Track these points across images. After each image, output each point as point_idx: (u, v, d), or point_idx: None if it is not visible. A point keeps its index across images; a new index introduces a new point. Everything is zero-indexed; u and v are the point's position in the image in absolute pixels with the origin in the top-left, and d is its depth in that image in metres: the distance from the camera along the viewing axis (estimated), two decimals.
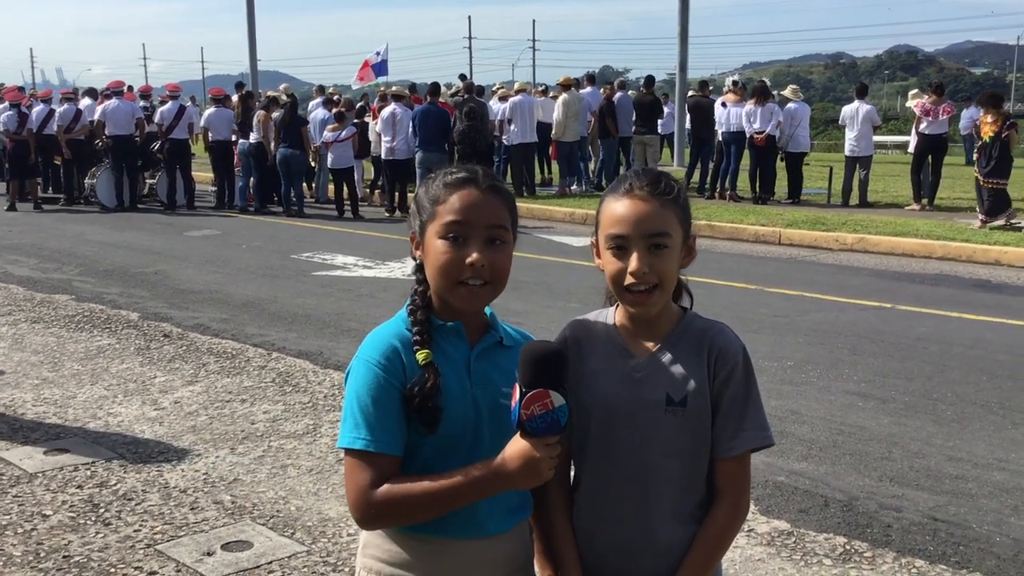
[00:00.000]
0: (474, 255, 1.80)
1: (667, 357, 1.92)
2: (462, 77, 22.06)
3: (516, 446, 1.70)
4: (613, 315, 2.00)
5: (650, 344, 1.94)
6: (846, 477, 4.86)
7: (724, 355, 1.91)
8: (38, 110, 17.56)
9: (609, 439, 1.91)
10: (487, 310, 1.94)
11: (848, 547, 4.12)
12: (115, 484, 4.75)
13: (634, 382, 1.91)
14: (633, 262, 1.85)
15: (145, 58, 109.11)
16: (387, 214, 16.17)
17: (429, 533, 1.83)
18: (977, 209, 13.43)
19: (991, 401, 6.03)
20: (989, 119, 13.14)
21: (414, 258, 1.93)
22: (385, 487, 1.75)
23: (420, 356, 1.80)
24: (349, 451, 1.79)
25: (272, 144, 16.29)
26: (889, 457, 5.11)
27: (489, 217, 1.83)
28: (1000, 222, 12.84)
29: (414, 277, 1.95)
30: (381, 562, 1.87)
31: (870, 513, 4.45)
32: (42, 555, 3.99)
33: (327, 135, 16.26)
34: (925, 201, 15.56)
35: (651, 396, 1.90)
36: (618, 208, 1.88)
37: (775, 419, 5.52)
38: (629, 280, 1.86)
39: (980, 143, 13.29)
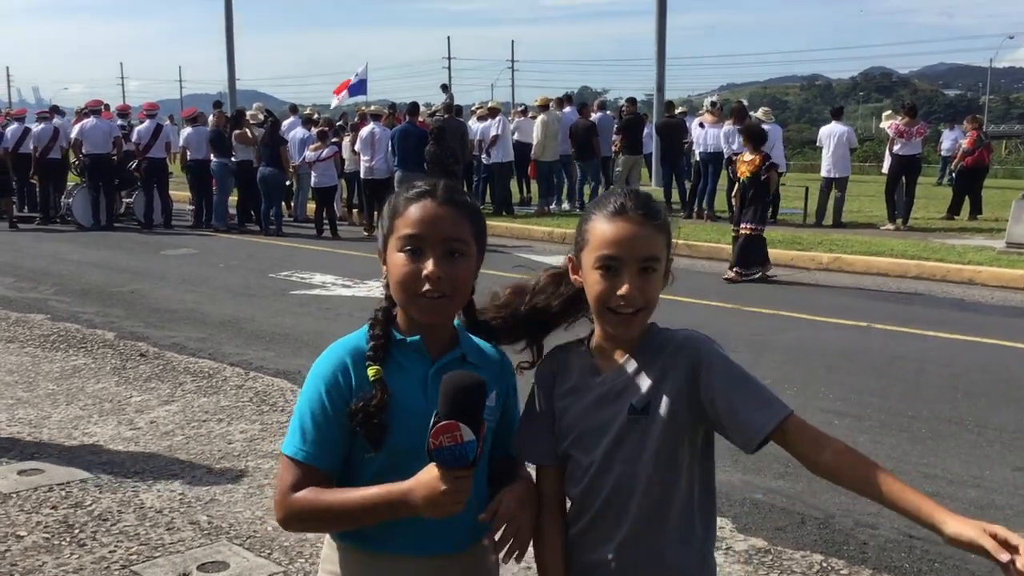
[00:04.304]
0: (430, 267, 1.80)
1: (631, 368, 1.92)
2: (444, 87, 22.10)
3: (426, 475, 1.68)
4: (588, 338, 2.01)
5: (618, 358, 1.95)
6: (822, 495, 4.89)
7: (698, 354, 1.88)
8: (12, 129, 17.48)
9: (586, 459, 1.93)
10: (456, 323, 1.95)
11: (825, 564, 4.14)
12: (90, 504, 4.71)
13: (598, 397, 1.93)
14: (625, 286, 1.84)
15: (123, 77, 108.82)
16: (366, 233, 16.16)
17: (383, 549, 1.84)
18: (740, 270, 11.50)
19: (966, 419, 6.08)
20: (747, 157, 11.49)
21: (383, 273, 1.93)
22: (303, 492, 1.79)
23: (370, 372, 1.82)
24: (288, 457, 1.85)
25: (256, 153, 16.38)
26: None
27: (446, 229, 1.83)
28: (756, 275, 11.44)
29: (383, 291, 1.95)
30: None
31: (846, 530, 4.48)
32: None
33: (309, 154, 16.28)
34: (900, 221, 15.71)
35: (613, 408, 1.91)
36: (611, 229, 1.87)
37: None
38: (617, 302, 1.86)
39: (737, 185, 11.73)
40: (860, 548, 4.30)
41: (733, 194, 11.72)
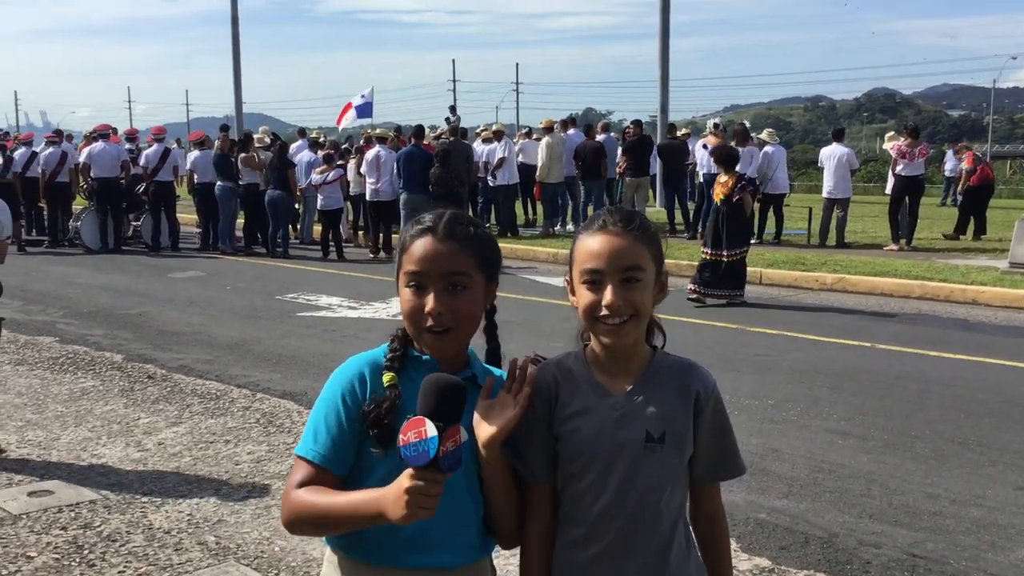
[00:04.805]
0: (430, 304, 1.87)
1: (643, 394, 1.96)
2: (452, 109, 22.21)
3: (398, 480, 1.71)
4: (584, 356, 2.03)
5: (625, 382, 1.98)
6: (826, 514, 4.92)
7: (706, 390, 1.98)
8: (20, 153, 17.63)
9: (593, 481, 1.94)
10: (471, 350, 2.00)
11: None
12: (99, 525, 4.75)
13: (613, 421, 1.95)
14: (608, 295, 1.90)
15: (130, 100, 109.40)
16: (371, 255, 16.25)
17: (380, 561, 1.89)
18: (699, 288, 11.07)
19: (969, 439, 6.11)
20: (722, 179, 11.15)
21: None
22: (303, 490, 1.85)
23: (385, 378, 1.89)
24: (300, 457, 1.90)
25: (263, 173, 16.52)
26: (868, 494, 5.18)
27: (446, 265, 1.89)
28: (722, 301, 10.97)
29: (399, 317, 2.02)
30: None
31: (850, 550, 4.50)
32: None
33: (315, 177, 16.39)
34: (903, 241, 15.76)
35: (631, 434, 1.94)
36: (592, 244, 1.94)
37: (756, 456, 5.59)
38: (603, 312, 1.91)
39: (713, 207, 11.34)
40: (863, 567, 4.32)
41: (711, 220, 11.31)
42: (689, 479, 2.01)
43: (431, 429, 1.63)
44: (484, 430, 1.87)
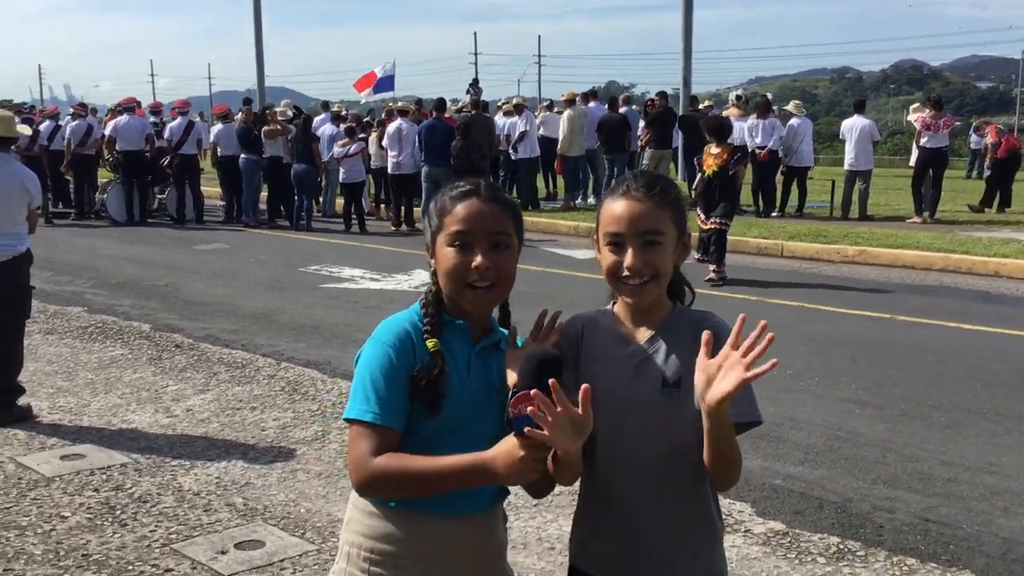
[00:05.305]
0: (479, 259, 1.97)
1: (661, 343, 2.06)
2: (474, 82, 22.17)
3: (505, 444, 1.82)
4: (611, 310, 2.14)
5: (646, 332, 2.08)
6: (841, 480, 4.99)
7: (719, 334, 1.98)
8: (45, 126, 17.81)
9: (612, 426, 2.02)
10: (493, 316, 2.10)
11: (842, 546, 4.25)
12: (130, 487, 4.90)
13: (631, 368, 2.05)
14: (628, 258, 2.00)
15: (153, 74, 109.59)
16: (393, 228, 16.34)
17: (406, 508, 1.98)
18: (704, 257, 10.67)
19: (985, 408, 6.15)
20: (714, 150, 10.75)
21: (430, 265, 2.09)
22: (383, 457, 1.90)
23: (429, 344, 1.97)
24: (356, 422, 1.94)
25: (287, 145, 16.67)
26: (883, 461, 5.24)
27: (491, 225, 2.00)
28: (713, 276, 10.57)
29: (430, 280, 2.10)
30: (362, 536, 2.02)
31: (863, 514, 4.58)
32: (62, 554, 4.13)
33: (337, 150, 16.48)
34: (927, 214, 15.69)
35: (647, 380, 2.03)
36: (615, 208, 2.04)
37: (773, 425, 5.65)
38: (625, 273, 2.01)
39: (701, 177, 10.90)
40: (876, 531, 4.40)
41: (695, 187, 11.00)
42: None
43: (544, 431, 1.74)
44: (513, 378, 1.95)
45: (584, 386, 1.77)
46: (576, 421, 1.75)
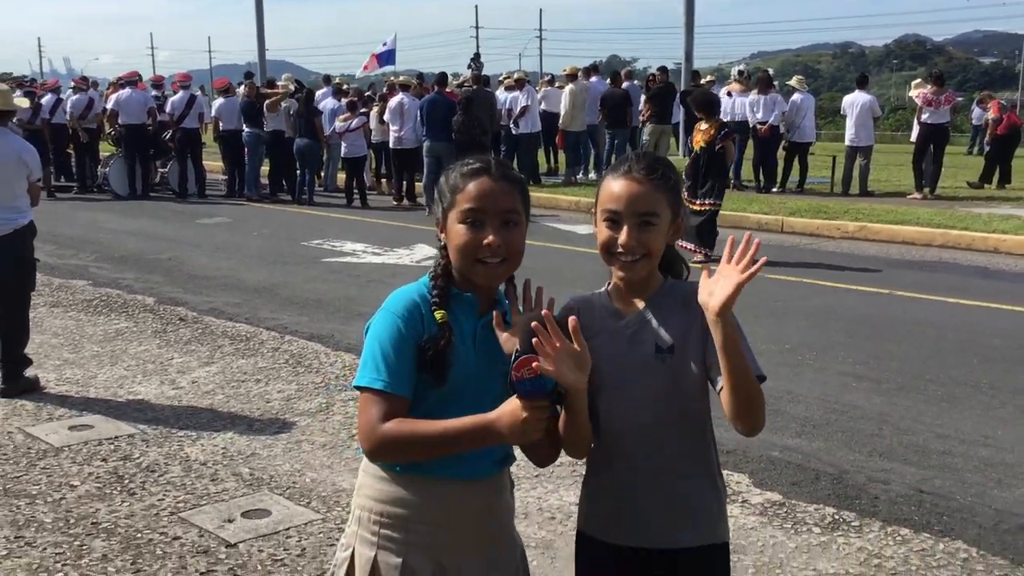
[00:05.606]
0: (490, 237, 2.03)
1: (653, 313, 2.14)
2: (476, 57, 22.10)
3: (509, 405, 1.90)
4: (606, 290, 2.23)
5: (638, 304, 2.16)
6: (837, 452, 5.07)
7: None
8: (47, 99, 17.80)
9: (611, 394, 2.12)
10: (500, 290, 2.17)
11: (837, 516, 4.33)
12: (138, 457, 4.98)
13: (626, 338, 2.14)
14: (623, 236, 2.09)
15: (153, 47, 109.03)
16: (395, 202, 16.38)
17: (414, 473, 2.06)
18: (691, 247, 10.26)
19: (981, 382, 6.22)
20: (703, 126, 10.53)
21: (439, 240, 2.15)
22: (392, 423, 1.97)
23: (438, 315, 2.04)
24: (366, 389, 2.01)
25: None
26: (879, 434, 5.32)
27: (502, 203, 2.06)
28: (699, 258, 10.07)
29: (439, 254, 2.16)
30: (372, 500, 2.10)
31: (859, 486, 4.66)
32: (72, 522, 4.21)
33: (339, 125, 16.49)
34: (927, 190, 15.71)
35: (643, 348, 2.12)
36: (614, 187, 2.12)
37: (770, 398, 5.66)
38: (619, 250, 2.10)
39: (691, 155, 10.75)
40: (871, 502, 4.48)
41: (688, 165, 10.73)
42: (714, 386, 2.09)
43: (545, 365, 1.82)
44: (509, 345, 2.01)
45: (572, 318, 1.88)
46: (574, 354, 1.86)
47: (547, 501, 4.45)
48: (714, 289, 1.94)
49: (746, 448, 4.97)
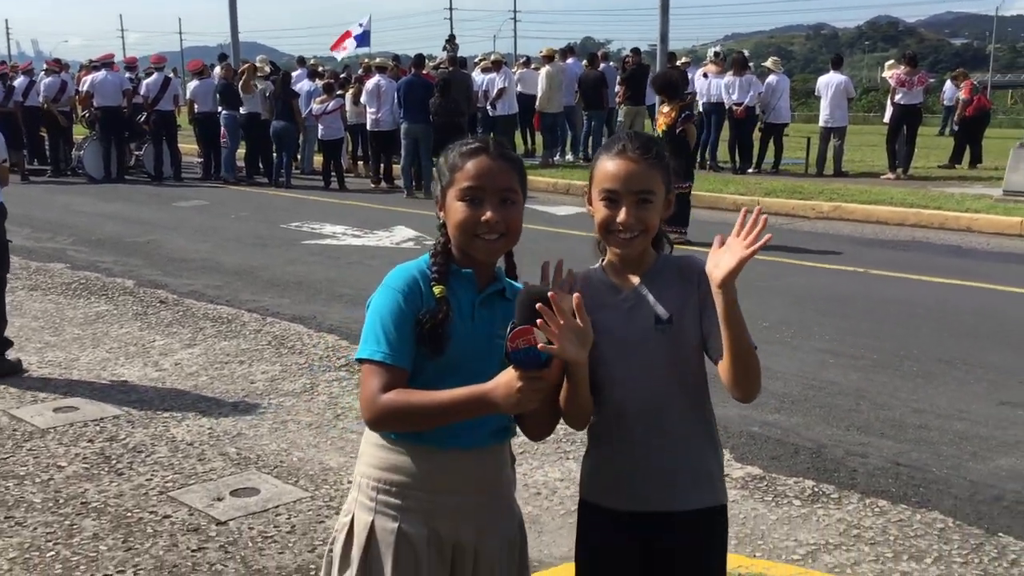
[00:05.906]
0: (488, 214, 2.09)
1: (649, 286, 2.21)
2: (451, 38, 22.04)
3: (505, 376, 1.95)
4: (601, 266, 2.29)
5: (635, 279, 2.23)
6: (816, 427, 5.17)
7: (705, 272, 2.13)
8: (20, 82, 17.62)
9: (612, 367, 2.18)
10: (498, 266, 2.23)
11: (816, 489, 4.42)
12: (124, 438, 5.00)
13: (625, 311, 2.20)
14: (622, 214, 2.15)
15: (123, 29, 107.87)
16: (372, 185, 16.36)
17: (412, 441, 2.11)
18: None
19: (955, 358, 6.35)
20: (665, 109, 10.51)
21: (439, 217, 2.20)
22: (392, 393, 2.03)
23: (436, 290, 2.10)
24: (367, 361, 2.07)
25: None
26: (857, 409, 5.43)
27: (500, 181, 2.12)
28: (675, 236, 9.81)
29: (439, 231, 2.21)
30: (372, 467, 2.16)
31: (837, 459, 4.76)
32: (61, 502, 4.24)
33: (315, 107, 16.43)
34: (900, 170, 15.88)
35: (642, 320, 2.19)
36: (611, 166, 2.18)
37: None
38: (618, 228, 2.17)
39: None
40: (850, 475, 4.58)
41: None
42: (711, 356, 2.17)
43: (541, 337, 1.86)
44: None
45: (575, 295, 1.93)
46: (577, 330, 1.91)
47: (532, 477, 4.52)
48: (719, 261, 2.03)
49: (727, 424, 5.05)
